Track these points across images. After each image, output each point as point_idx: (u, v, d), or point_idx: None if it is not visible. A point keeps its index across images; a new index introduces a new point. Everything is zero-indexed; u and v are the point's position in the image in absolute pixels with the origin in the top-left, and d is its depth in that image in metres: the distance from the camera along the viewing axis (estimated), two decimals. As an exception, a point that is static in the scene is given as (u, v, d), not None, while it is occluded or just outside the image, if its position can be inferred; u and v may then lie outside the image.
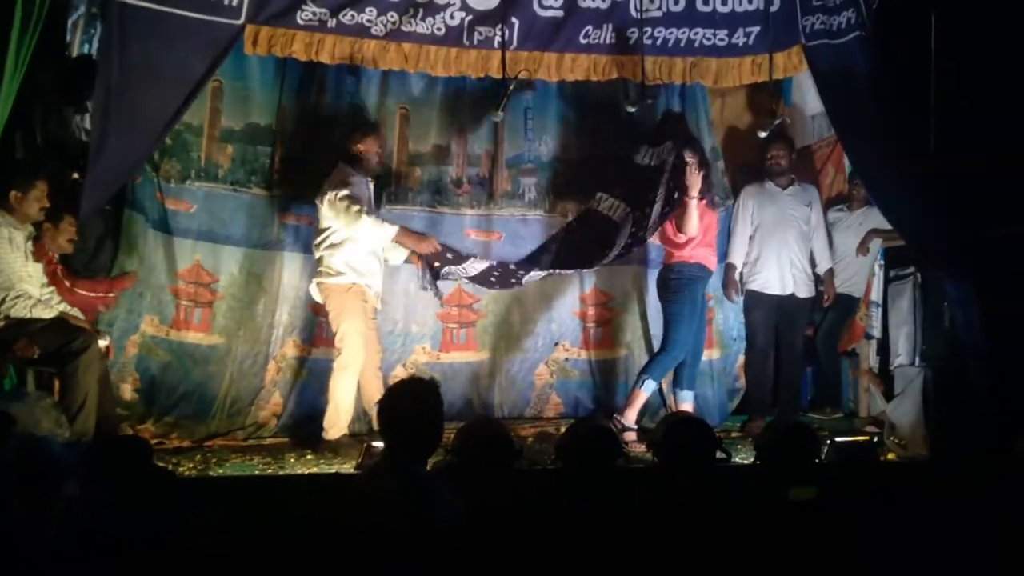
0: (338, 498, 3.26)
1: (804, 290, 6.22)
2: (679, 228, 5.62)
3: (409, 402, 3.07)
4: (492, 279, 5.57)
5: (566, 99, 6.45)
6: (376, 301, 5.54)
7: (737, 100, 6.94)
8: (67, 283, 5.03)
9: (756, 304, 6.25)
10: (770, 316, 6.24)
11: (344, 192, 5.24)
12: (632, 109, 5.76)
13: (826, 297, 6.39)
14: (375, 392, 5.49)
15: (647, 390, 5.62)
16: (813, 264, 6.32)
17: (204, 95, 5.83)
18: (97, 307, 5.33)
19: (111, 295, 5.38)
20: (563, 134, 6.50)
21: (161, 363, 5.83)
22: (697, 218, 5.59)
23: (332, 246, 5.36)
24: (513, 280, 5.60)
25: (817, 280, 6.37)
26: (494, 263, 5.58)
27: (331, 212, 5.30)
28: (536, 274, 5.59)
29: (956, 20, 5.30)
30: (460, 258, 5.46)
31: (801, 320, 6.30)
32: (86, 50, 5.53)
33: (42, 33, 4.39)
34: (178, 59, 4.86)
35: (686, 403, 5.77)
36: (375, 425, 5.46)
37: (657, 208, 5.51)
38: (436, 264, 5.45)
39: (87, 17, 5.38)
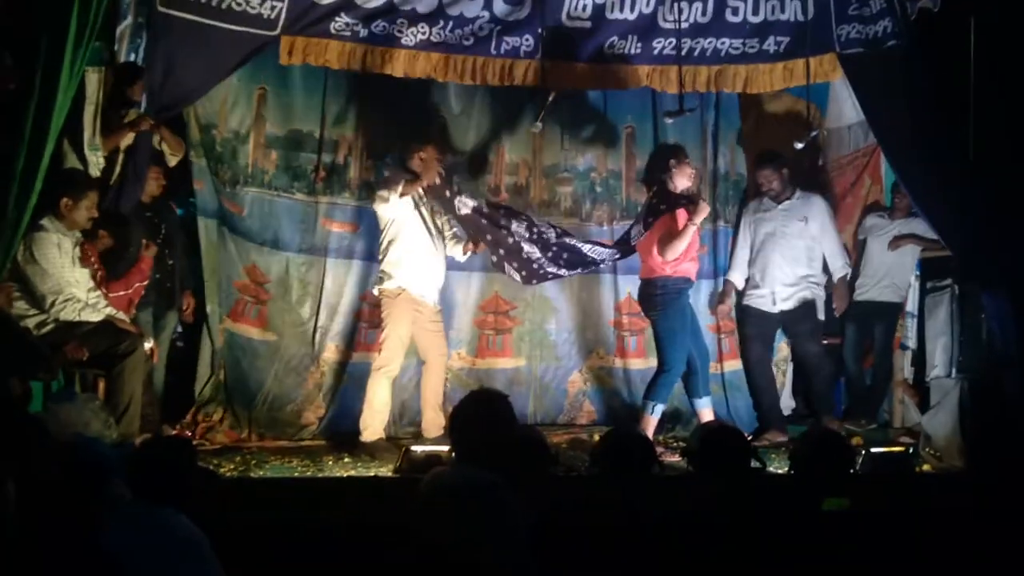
0: (397, 502, 3.29)
1: (794, 302, 6.20)
2: (663, 248, 5.49)
3: (481, 412, 3.12)
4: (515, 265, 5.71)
5: (603, 109, 6.49)
6: (436, 304, 5.65)
7: (772, 113, 6.94)
8: (104, 289, 5.13)
9: (747, 319, 6.33)
10: (765, 330, 6.29)
11: (403, 203, 5.40)
12: (670, 121, 5.80)
13: (835, 306, 6.39)
14: (431, 396, 5.58)
15: (656, 414, 5.57)
16: (828, 271, 6.34)
17: (251, 102, 6.01)
18: (131, 302, 5.41)
19: (130, 291, 5.40)
20: (598, 145, 6.54)
21: (216, 350, 6.04)
22: (688, 243, 5.53)
23: (385, 248, 5.54)
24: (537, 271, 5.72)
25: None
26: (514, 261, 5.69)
27: (388, 219, 5.49)
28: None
29: (995, 28, 5.27)
30: (457, 191, 5.62)
31: (804, 329, 6.27)
32: (132, 59, 5.64)
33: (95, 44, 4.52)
34: (216, 66, 5.14)
35: (706, 410, 5.72)
36: (425, 430, 5.58)
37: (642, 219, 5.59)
38: (449, 194, 5.56)
39: (134, 27, 5.49)
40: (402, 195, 5.40)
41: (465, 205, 5.63)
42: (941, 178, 5.45)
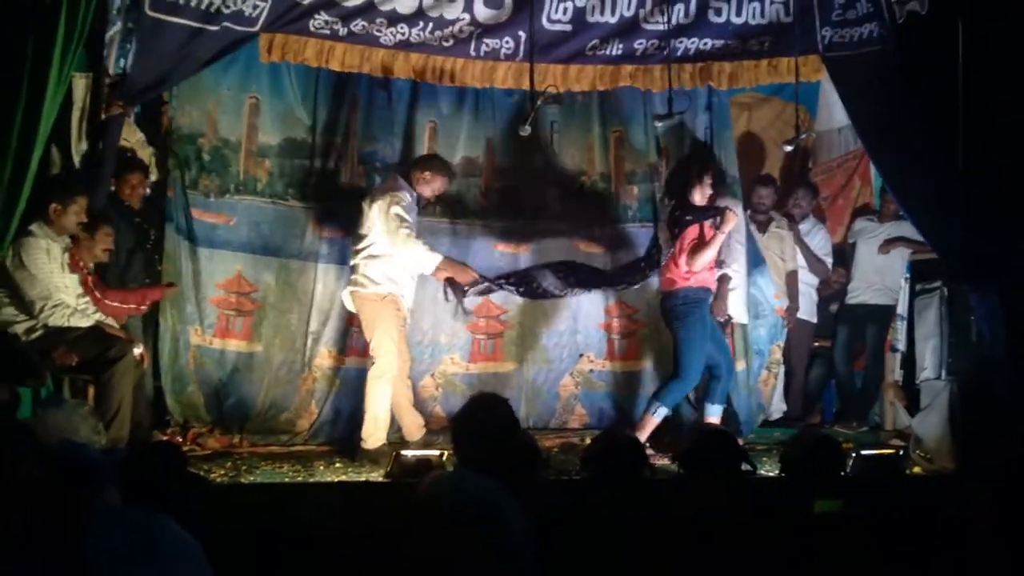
0: (389, 507, 3.28)
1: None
2: (692, 259, 5.49)
3: (482, 416, 3.12)
4: (520, 290, 5.70)
5: (593, 113, 6.50)
6: (408, 308, 5.61)
7: (763, 114, 6.97)
8: (97, 294, 5.11)
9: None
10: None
11: (398, 210, 5.29)
12: (660, 125, 5.81)
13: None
14: (404, 400, 5.56)
15: (658, 416, 5.56)
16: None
17: (241, 112, 6.03)
18: (126, 317, 5.41)
19: (143, 307, 5.45)
20: (588, 148, 6.55)
21: (207, 370, 5.98)
22: (715, 253, 5.55)
23: (371, 256, 5.42)
24: (539, 292, 5.70)
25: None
26: (522, 287, 5.69)
27: (381, 221, 5.34)
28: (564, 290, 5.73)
29: (983, 32, 5.29)
30: (493, 284, 5.56)
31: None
32: (121, 64, 5.64)
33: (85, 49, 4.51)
34: (193, 60, 5.20)
35: (714, 417, 5.73)
36: (406, 433, 5.57)
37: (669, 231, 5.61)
38: (467, 288, 5.50)
39: (123, 32, 5.49)
40: (432, 274, 5.40)
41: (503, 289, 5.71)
42: (928, 181, 5.47)
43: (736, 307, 6.14)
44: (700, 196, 5.60)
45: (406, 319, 5.63)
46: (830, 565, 3.10)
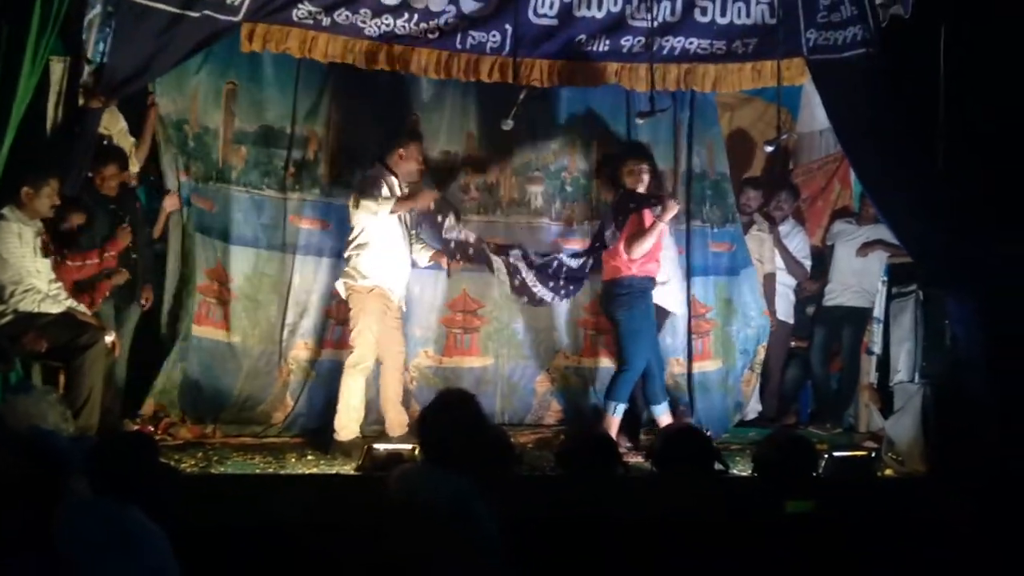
0: (350, 500, 3.27)
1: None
2: (630, 246, 5.51)
3: (449, 413, 3.10)
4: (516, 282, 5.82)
5: (575, 108, 6.48)
6: (401, 303, 5.61)
7: (745, 114, 6.98)
8: (57, 257, 5.03)
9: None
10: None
11: (367, 201, 5.32)
12: (641, 121, 5.81)
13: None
14: (392, 395, 5.53)
15: (618, 414, 5.55)
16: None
17: (220, 98, 5.96)
18: (94, 275, 5.31)
19: (108, 255, 5.30)
20: (570, 143, 6.53)
21: (186, 358, 5.94)
22: (654, 241, 5.55)
23: (359, 247, 5.44)
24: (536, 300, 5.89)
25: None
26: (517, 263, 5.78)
27: (366, 219, 5.40)
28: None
29: (966, 36, 5.32)
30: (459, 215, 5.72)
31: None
32: (100, 48, 5.58)
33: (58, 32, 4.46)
34: (175, 50, 5.13)
35: (664, 416, 5.69)
36: (389, 428, 5.55)
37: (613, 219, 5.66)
38: (440, 219, 5.63)
39: (103, 16, 5.42)
40: (392, 212, 5.37)
41: (455, 230, 5.74)
42: (907, 185, 5.50)
43: (669, 300, 6.14)
44: (638, 183, 5.63)
45: (401, 310, 5.64)
46: (801, 565, 3.10)
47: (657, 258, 5.69)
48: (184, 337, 5.95)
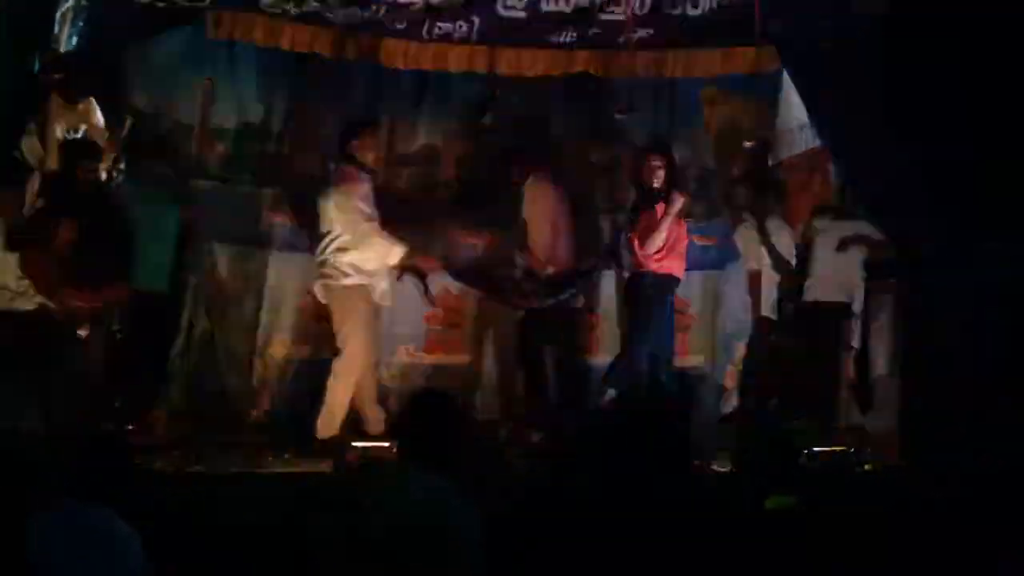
0: (328, 498, 3.24)
1: None
2: (643, 243, 5.61)
3: (428, 412, 3.08)
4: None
5: (554, 103, 6.46)
6: (384, 299, 5.57)
7: (729, 109, 6.97)
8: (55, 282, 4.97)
9: None
10: None
11: (357, 203, 5.30)
12: (620, 116, 5.81)
13: None
14: (368, 393, 5.49)
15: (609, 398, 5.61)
16: None
17: (196, 93, 5.91)
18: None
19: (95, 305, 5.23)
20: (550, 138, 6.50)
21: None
22: (665, 235, 5.61)
23: (340, 249, 5.37)
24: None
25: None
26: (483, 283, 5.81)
27: (340, 218, 5.32)
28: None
29: (950, 25, 5.30)
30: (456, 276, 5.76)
31: None
32: (74, 42, 5.53)
33: (31, 26, 4.40)
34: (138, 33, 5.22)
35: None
36: (367, 426, 5.52)
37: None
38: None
39: (76, 9, 5.37)
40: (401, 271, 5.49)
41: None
42: (886, 179, 5.50)
43: None
44: (651, 177, 5.64)
45: (379, 309, 5.59)
46: (782, 560, 3.10)
47: (680, 253, 5.75)
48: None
